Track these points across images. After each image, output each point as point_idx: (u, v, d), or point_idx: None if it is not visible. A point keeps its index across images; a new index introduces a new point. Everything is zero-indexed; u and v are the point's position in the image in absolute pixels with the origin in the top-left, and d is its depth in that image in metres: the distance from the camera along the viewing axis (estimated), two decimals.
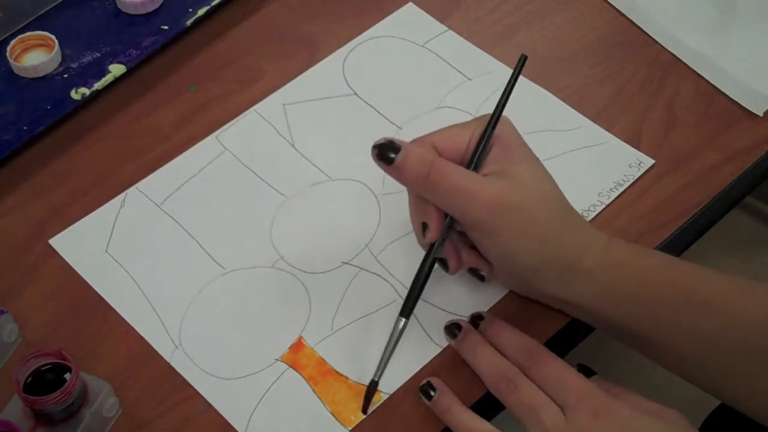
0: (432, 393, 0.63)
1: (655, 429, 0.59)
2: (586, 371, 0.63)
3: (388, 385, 0.64)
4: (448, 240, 0.63)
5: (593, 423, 0.59)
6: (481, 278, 0.65)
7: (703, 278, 0.63)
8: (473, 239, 0.63)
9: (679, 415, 0.60)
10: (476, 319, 0.66)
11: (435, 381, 0.64)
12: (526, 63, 0.64)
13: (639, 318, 0.62)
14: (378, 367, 0.64)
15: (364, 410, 0.64)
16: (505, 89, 0.63)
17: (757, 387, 0.62)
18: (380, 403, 0.64)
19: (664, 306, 0.62)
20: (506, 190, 0.60)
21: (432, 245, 0.63)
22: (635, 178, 0.74)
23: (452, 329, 0.66)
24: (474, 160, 0.62)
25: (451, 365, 0.65)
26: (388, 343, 0.63)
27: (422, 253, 0.64)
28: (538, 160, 0.63)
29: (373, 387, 0.64)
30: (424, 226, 0.63)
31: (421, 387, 0.64)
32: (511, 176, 0.61)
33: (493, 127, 0.62)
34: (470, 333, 0.65)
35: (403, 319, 0.63)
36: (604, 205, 0.73)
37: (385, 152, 0.61)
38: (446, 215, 0.62)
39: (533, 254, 0.61)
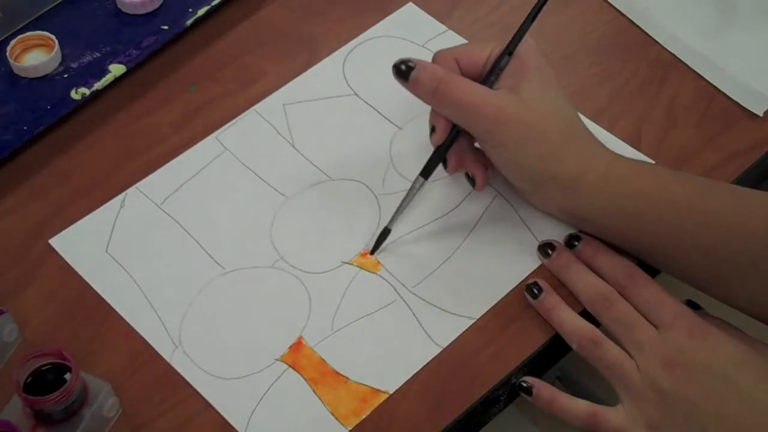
0: (537, 292, 0.67)
1: (746, 355, 0.61)
2: (694, 306, 0.66)
3: (388, 385, 0.64)
4: (456, 143, 0.68)
5: (687, 340, 0.62)
6: (472, 183, 0.70)
7: (702, 193, 0.66)
8: (481, 147, 0.68)
9: None
10: (572, 240, 0.69)
11: (541, 282, 0.67)
12: None
13: (640, 232, 0.66)
14: (393, 217, 0.69)
15: (373, 251, 0.69)
16: (531, 11, 0.67)
17: (756, 292, 0.64)
18: (380, 403, 0.64)
19: (664, 222, 0.65)
20: (510, 104, 0.65)
21: (439, 147, 0.68)
22: None
23: (546, 248, 0.69)
24: (488, 75, 0.67)
25: (451, 365, 0.65)
26: (406, 196, 0.69)
27: (422, 250, 0.67)
28: (554, 80, 0.68)
29: (385, 232, 0.69)
30: (432, 129, 0.68)
31: (526, 286, 0.67)
32: (520, 92, 0.65)
33: (510, 53, 0.67)
34: (564, 252, 0.68)
35: (422, 179, 0.69)
36: None
37: (402, 70, 0.67)
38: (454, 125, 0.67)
39: (535, 167, 0.66)
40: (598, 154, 0.67)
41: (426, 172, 0.69)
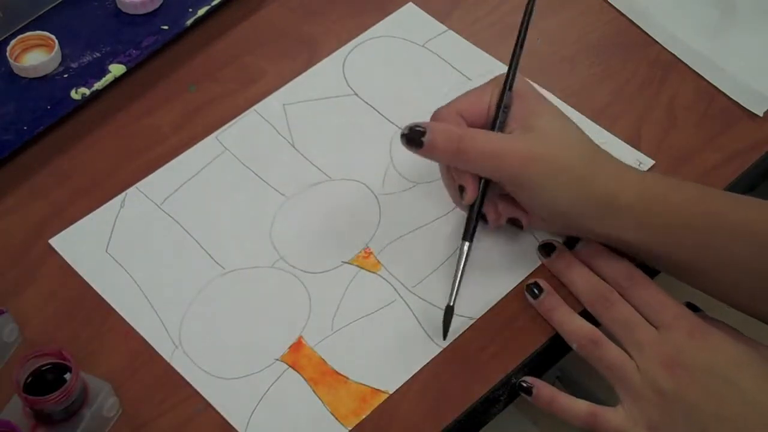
0: (537, 292, 0.67)
1: (746, 356, 0.61)
2: (693, 308, 0.65)
3: (388, 385, 0.64)
4: (486, 197, 0.67)
5: (688, 341, 0.62)
6: (520, 226, 0.69)
7: (734, 205, 0.65)
8: (511, 193, 0.66)
9: None
10: (572, 241, 0.69)
11: (542, 282, 0.67)
12: (527, 63, 0.65)
13: (675, 247, 0.65)
14: (452, 292, 0.66)
15: (445, 335, 0.66)
16: (515, 46, 0.67)
17: None
18: (380, 403, 0.64)
19: (698, 234, 0.64)
20: (532, 143, 0.64)
21: (472, 205, 0.67)
22: None
23: (545, 248, 0.69)
24: (496, 120, 0.66)
25: (451, 365, 0.65)
26: (457, 268, 0.66)
27: (422, 250, 0.67)
28: (557, 109, 0.67)
29: (449, 312, 0.66)
30: (461, 189, 0.66)
31: (527, 286, 0.67)
32: (534, 128, 0.65)
33: (510, 87, 0.66)
34: (564, 252, 0.68)
35: (467, 243, 0.66)
36: None
37: (414, 138, 0.64)
38: (480, 178, 0.66)
39: (569, 197, 0.64)
40: (626, 171, 0.66)
41: (469, 235, 0.67)
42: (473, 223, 0.67)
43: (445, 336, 0.66)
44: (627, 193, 0.64)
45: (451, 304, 0.66)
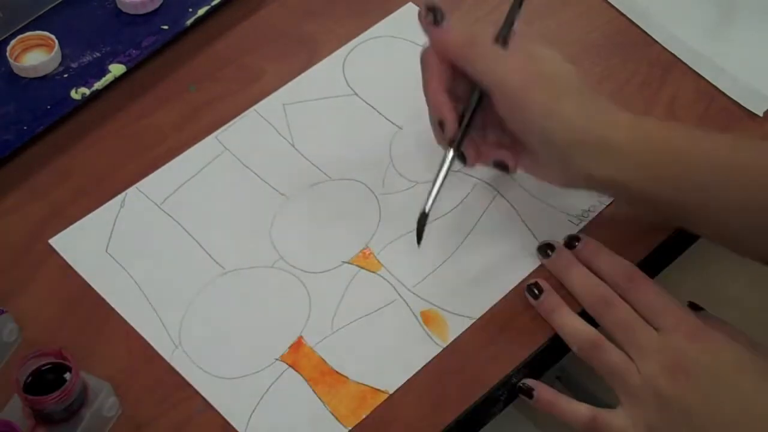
0: (537, 293, 0.66)
1: (747, 360, 0.61)
2: (695, 308, 0.65)
3: (388, 385, 0.64)
4: (468, 136, 0.65)
5: (688, 344, 0.61)
6: (506, 169, 0.67)
7: (730, 147, 0.64)
8: (505, 119, 0.64)
9: None
10: (572, 241, 0.68)
11: (542, 282, 0.67)
12: None
13: (671, 187, 0.64)
14: (429, 199, 0.65)
15: (418, 242, 0.66)
16: None
17: None
18: (380, 403, 0.64)
19: (694, 174, 0.63)
20: (536, 60, 0.64)
21: (452, 141, 0.65)
22: None
23: (545, 249, 0.68)
24: (502, 35, 0.65)
25: (451, 365, 0.65)
26: (437, 175, 0.65)
27: (422, 250, 0.67)
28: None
29: (423, 219, 0.65)
30: (441, 126, 0.65)
31: (527, 287, 0.67)
32: (538, 54, 0.64)
33: (519, 5, 0.66)
34: (564, 252, 0.68)
35: (451, 151, 0.65)
36: (604, 206, 0.72)
37: (435, 14, 0.64)
38: (462, 114, 0.65)
39: (567, 127, 0.63)
40: (618, 111, 0.65)
41: (456, 144, 0.65)
42: (451, 159, 0.65)
43: (419, 242, 0.66)
44: (621, 132, 0.63)
45: (426, 211, 0.65)
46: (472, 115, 0.65)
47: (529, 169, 0.68)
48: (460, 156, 0.66)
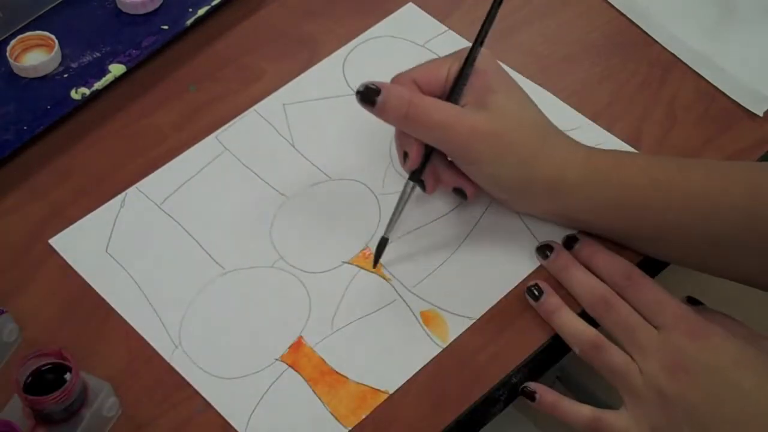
0: (537, 294, 0.67)
1: (748, 356, 0.61)
2: (694, 302, 0.66)
3: (388, 385, 0.64)
4: (429, 164, 0.67)
5: (689, 343, 0.62)
6: (464, 196, 0.69)
7: (681, 173, 0.66)
8: (457, 164, 0.67)
9: None
10: (570, 241, 0.69)
11: (542, 283, 0.67)
12: (527, 63, 0.65)
13: (626, 221, 0.66)
14: (388, 225, 0.68)
15: (375, 264, 0.69)
16: (484, 22, 0.67)
17: (740, 262, 0.66)
18: (380, 403, 0.64)
19: (648, 206, 0.65)
20: (481, 120, 0.64)
21: (414, 171, 0.67)
22: None
23: (544, 250, 0.69)
24: (452, 93, 0.66)
25: (451, 365, 0.65)
26: (398, 203, 0.68)
27: (422, 250, 0.68)
28: (518, 87, 0.67)
29: (383, 243, 0.68)
30: (405, 155, 0.67)
31: (527, 288, 0.67)
32: (488, 105, 0.65)
33: (471, 63, 0.66)
34: (563, 253, 0.68)
35: (411, 183, 0.67)
36: None
37: (368, 95, 0.65)
38: (426, 144, 0.66)
39: (514, 176, 0.65)
40: (574, 152, 0.66)
41: (417, 176, 0.67)
42: (412, 186, 0.68)
43: (375, 264, 0.68)
44: (573, 173, 0.65)
45: (386, 236, 0.68)
46: (432, 148, 0.67)
47: (487, 194, 0.69)
48: (420, 183, 0.68)
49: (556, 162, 0.65)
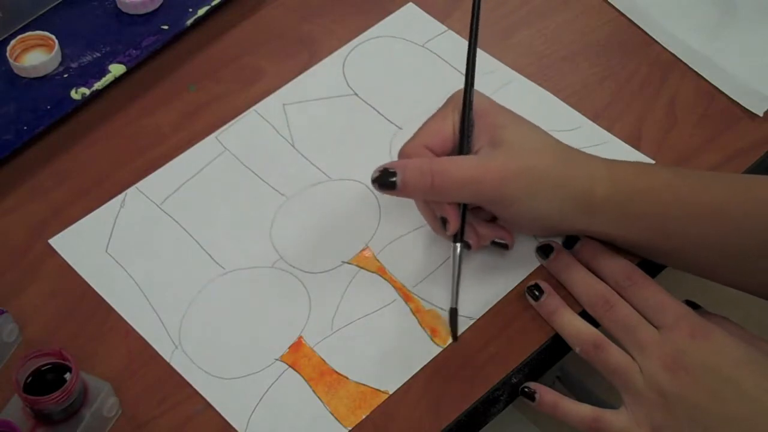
0: (538, 294, 0.67)
1: (748, 355, 0.61)
2: (693, 306, 0.66)
3: (388, 385, 0.64)
4: (467, 223, 0.66)
5: (689, 342, 0.62)
6: (505, 247, 0.68)
7: (705, 188, 0.66)
8: (492, 212, 0.66)
9: None
10: (571, 241, 0.69)
11: (542, 283, 0.67)
12: (527, 63, 0.65)
13: (652, 234, 0.66)
14: (452, 295, 0.66)
15: (454, 337, 0.66)
16: (468, 65, 0.67)
17: (761, 276, 0.65)
18: (380, 403, 0.64)
19: (673, 220, 0.65)
20: (504, 160, 0.64)
21: (456, 234, 0.66)
22: None
23: (544, 249, 0.69)
24: (462, 143, 0.65)
25: (451, 365, 0.65)
26: (453, 270, 0.66)
27: (422, 250, 0.68)
28: (520, 117, 0.67)
29: (454, 314, 0.66)
30: (444, 221, 0.65)
31: (527, 288, 0.67)
32: (503, 142, 0.64)
33: (470, 109, 0.66)
34: (563, 253, 0.68)
35: (458, 245, 0.66)
36: None
37: (385, 181, 0.64)
38: (459, 204, 0.65)
39: (550, 205, 0.64)
40: (594, 164, 0.66)
41: (460, 236, 0.66)
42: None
43: (455, 338, 0.66)
44: (601, 186, 0.64)
45: (455, 306, 0.66)
46: (465, 205, 0.66)
47: (523, 232, 0.69)
48: (465, 244, 0.66)
49: (583, 178, 0.64)
